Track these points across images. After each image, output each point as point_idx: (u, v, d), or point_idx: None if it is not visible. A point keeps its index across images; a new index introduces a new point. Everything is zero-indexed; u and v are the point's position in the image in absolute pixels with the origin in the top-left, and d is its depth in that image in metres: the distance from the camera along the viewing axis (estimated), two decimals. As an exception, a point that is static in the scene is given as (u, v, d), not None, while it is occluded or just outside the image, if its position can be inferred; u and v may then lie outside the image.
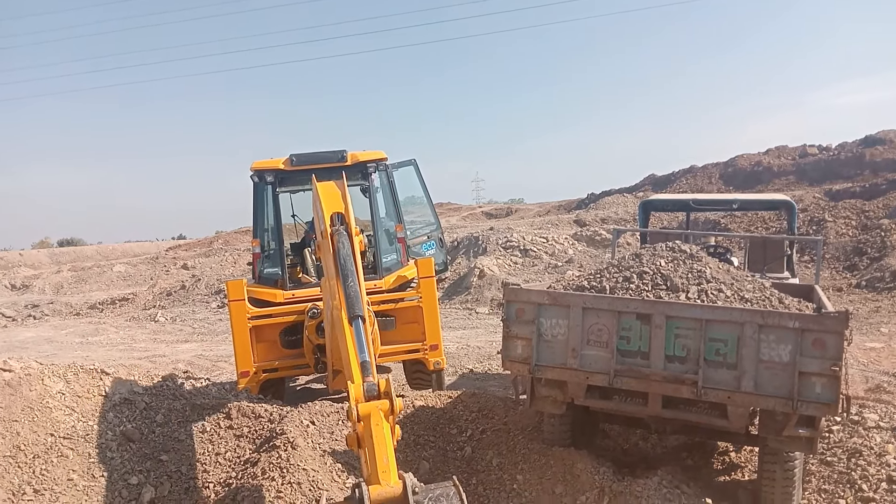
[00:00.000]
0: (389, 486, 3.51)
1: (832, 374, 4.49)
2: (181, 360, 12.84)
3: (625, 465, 6.02)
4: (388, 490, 3.48)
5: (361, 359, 4.32)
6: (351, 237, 5.40)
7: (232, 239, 37.37)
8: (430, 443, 6.35)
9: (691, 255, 5.75)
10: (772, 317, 4.69)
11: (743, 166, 35.00)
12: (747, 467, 6.22)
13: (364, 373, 4.19)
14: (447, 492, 3.62)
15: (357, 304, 4.71)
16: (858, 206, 21.02)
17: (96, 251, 51.26)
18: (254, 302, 7.80)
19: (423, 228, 10.06)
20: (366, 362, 4.28)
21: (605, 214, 29.51)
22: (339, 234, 5.38)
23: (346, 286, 4.87)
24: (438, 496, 3.59)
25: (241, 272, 24.53)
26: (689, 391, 4.88)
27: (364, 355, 4.33)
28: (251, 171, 8.23)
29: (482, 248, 22.30)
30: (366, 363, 4.27)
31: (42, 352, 14.71)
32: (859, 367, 9.45)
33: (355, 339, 4.48)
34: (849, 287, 16.35)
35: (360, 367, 4.25)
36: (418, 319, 8.01)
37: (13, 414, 6.02)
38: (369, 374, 4.18)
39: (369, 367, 4.23)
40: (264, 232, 8.71)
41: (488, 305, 17.24)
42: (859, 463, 5.69)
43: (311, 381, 10.46)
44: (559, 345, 5.33)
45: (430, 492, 3.61)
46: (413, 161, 9.64)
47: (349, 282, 4.89)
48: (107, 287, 28.17)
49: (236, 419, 6.56)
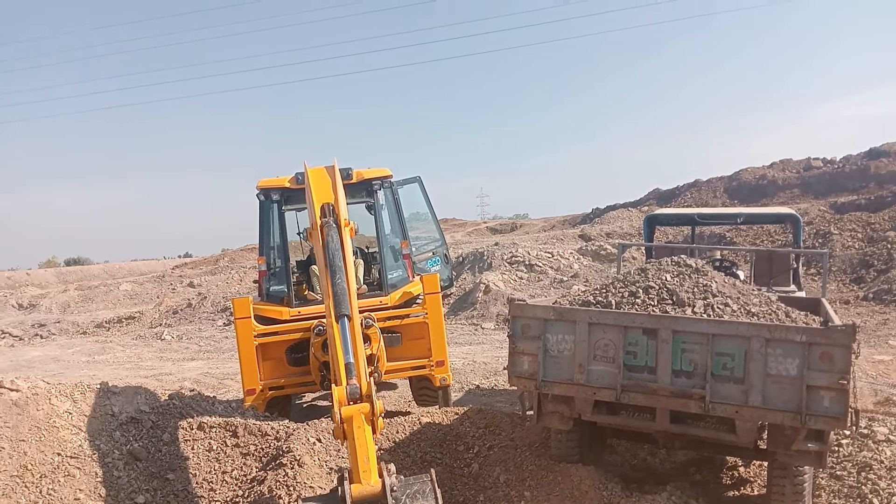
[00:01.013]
0: (370, 484, 3.90)
1: (840, 388, 4.48)
2: (187, 379, 12.85)
3: (633, 481, 5.99)
4: (369, 489, 3.88)
5: (346, 360, 4.43)
6: (340, 229, 5.41)
7: (238, 257, 37.44)
8: (437, 460, 6.33)
9: (697, 269, 5.75)
10: (779, 331, 4.68)
11: (747, 180, 34.98)
12: (756, 482, 6.17)
13: (348, 375, 4.33)
14: (423, 487, 4.01)
15: (344, 302, 4.77)
16: (864, 218, 20.97)
17: (103, 270, 51.42)
18: (260, 319, 7.81)
19: (428, 245, 10.08)
20: (350, 364, 4.40)
21: (610, 229, 29.53)
22: (328, 226, 5.38)
23: (334, 283, 4.90)
24: (416, 492, 3.97)
25: (247, 290, 24.56)
26: (697, 406, 4.87)
27: (349, 357, 4.45)
28: (257, 190, 8.28)
29: (487, 264, 22.29)
30: (350, 365, 4.39)
31: (49, 371, 14.73)
32: (868, 380, 9.40)
33: (341, 339, 4.57)
34: (856, 300, 16.28)
35: (345, 369, 4.38)
36: (424, 335, 7.99)
37: (20, 433, 6.03)
38: (353, 375, 4.33)
39: (353, 370, 4.36)
40: (270, 250, 8.74)
41: (494, 321, 17.21)
42: (869, 477, 5.65)
43: (317, 398, 10.44)
44: (565, 360, 5.32)
45: (407, 487, 3.99)
46: (418, 178, 9.69)
47: (337, 278, 4.93)
48: (113, 306, 28.22)
49: (243, 437, 6.56)
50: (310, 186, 5.81)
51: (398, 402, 9.96)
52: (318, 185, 5.85)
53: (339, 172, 6.10)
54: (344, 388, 4.25)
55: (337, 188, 5.82)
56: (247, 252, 36.39)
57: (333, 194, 5.74)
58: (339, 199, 5.63)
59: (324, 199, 5.65)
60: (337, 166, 6.17)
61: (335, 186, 5.84)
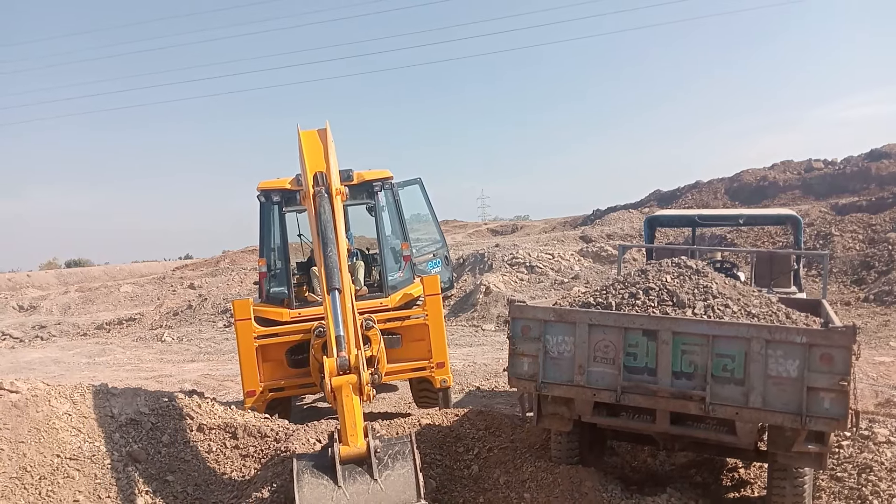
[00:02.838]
0: (356, 446, 4.57)
1: (841, 389, 4.47)
2: (187, 380, 12.85)
3: (633, 483, 5.98)
4: (355, 450, 4.57)
5: (336, 333, 4.76)
6: (331, 198, 5.44)
7: (238, 258, 37.47)
8: (437, 461, 6.32)
9: (697, 270, 5.74)
10: (779, 332, 4.67)
11: (748, 181, 35.01)
12: (757, 483, 6.16)
13: (338, 347, 4.70)
14: (403, 449, 4.68)
15: (335, 275, 4.97)
16: (865, 219, 20.96)
17: (103, 271, 51.43)
18: (260, 321, 7.81)
19: (428, 246, 10.08)
20: (340, 337, 4.74)
21: (611, 230, 29.53)
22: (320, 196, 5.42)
23: (326, 256, 5.03)
24: (396, 453, 4.65)
25: (247, 291, 24.57)
26: (697, 407, 4.86)
27: (339, 329, 4.78)
28: (258, 191, 8.28)
29: (488, 265, 22.30)
30: (340, 338, 4.74)
31: (49, 373, 14.73)
32: (868, 381, 9.39)
33: (332, 312, 4.87)
34: (857, 301, 16.27)
35: (336, 341, 4.72)
36: (424, 337, 7.99)
37: (20, 435, 6.02)
38: (343, 348, 4.69)
39: (343, 342, 4.71)
40: (271, 251, 8.74)
41: (494, 322, 17.21)
42: (870, 478, 5.63)
43: (317, 399, 10.44)
44: (566, 362, 5.31)
45: (389, 448, 4.67)
46: (418, 180, 9.70)
47: (328, 251, 5.05)
48: (114, 307, 28.25)
49: (242, 439, 6.55)
50: (302, 152, 5.82)
51: (398, 403, 9.96)
52: (311, 151, 5.86)
53: (331, 137, 6.08)
54: (334, 359, 4.65)
55: (329, 155, 5.82)
56: (247, 253, 36.41)
57: (325, 162, 5.74)
58: (330, 167, 5.65)
59: (316, 167, 5.67)
60: (329, 130, 6.15)
61: (327, 154, 5.84)
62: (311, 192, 5.47)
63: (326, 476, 4.50)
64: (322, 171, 5.63)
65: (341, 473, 4.48)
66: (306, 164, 5.67)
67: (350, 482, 4.50)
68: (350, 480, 4.50)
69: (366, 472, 4.54)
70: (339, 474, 4.47)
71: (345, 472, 4.51)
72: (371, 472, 4.53)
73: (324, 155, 5.84)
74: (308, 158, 5.74)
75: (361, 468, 4.55)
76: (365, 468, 4.55)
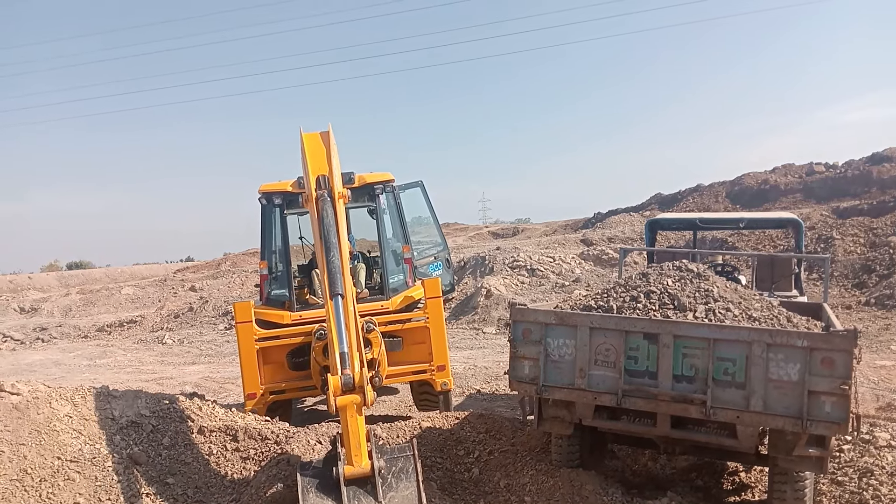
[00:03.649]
0: (361, 466, 4.54)
1: (842, 393, 4.47)
2: (188, 383, 12.85)
3: (634, 487, 5.97)
4: (360, 470, 4.54)
5: (340, 350, 4.66)
6: (334, 202, 5.43)
7: (240, 261, 37.45)
8: (438, 464, 6.31)
9: (698, 273, 5.74)
10: (780, 335, 4.67)
11: (749, 185, 34.95)
12: (757, 487, 6.16)
13: (342, 365, 4.59)
14: (406, 465, 4.68)
15: (338, 280, 4.90)
16: (866, 223, 20.93)
17: (105, 274, 51.43)
18: (261, 324, 7.81)
19: (430, 249, 10.09)
20: (344, 354, 4.64)
21: (612, 233, 29.47)
22: (322, 199, 5.41)
23: (329, 261, 4.98)
24: (399, 471, 4.66)
25: (248, 294, 24.58)
26: (698, 411, 4.86)
27: (343, 346, 4.68)
28: (259, 194, 8.30)
29: (489, 268, 22.29)
30: (344, 355, 4.64)
31: (50, 375, 14.73)
32: (870, 385, 9.39)
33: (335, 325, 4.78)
34: (858, 305, 16.26)
35: (340, 358, 4.63)
36: (425, 340, 7.99)
37: (20, 437, 6.02)
38: (347, 365, 4.59)
39: (347, 359, 4.62)
40: (272, 254, 8.75)
41: (495, 325, 17.20)
42: (871, 483, 5.63)
43: (318, 402, 10.44)
44: (566, 365, 5.31)
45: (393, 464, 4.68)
46: (420, 182, 9.71)
47: (331, 255, 5.01)
48: (115, 309, 28.22)
49: (243, 441, 6.55)
50: (304, 154, 5.82)
51: (399, 406, 9.96)
52: (313, 154, 5.86)
53: (333, 140, 6.08)
54: (338, 377, 4.56)
55: (331, 158, 5.82)
56: (249, 256, 36.41)
57: (328, 165, 5.74)
58: (333, 171, 5.65)
59: (319, 171, 5.66)
60: (331, 132, 6.16)
61: (329, 156, 5.84)
62: (314, 195, 5.47)
63: (331, 497, 4.51)
64: (325, 174, 5.63)
65: (346, 495, 4.48)
66: (309, 166, 5.68)
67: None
68: (355, 502, 4.50)
69: (370, 494, 4.54)
70: (345, 496, 4.47)
71: (349, 492, 4.50)
72: (375, 495, 4.53)
73: (326, 158, 5.85)
74: (310, 161, 5.75)
75: (365, 489, 4.55)
76: (369, 489, 4.55)
